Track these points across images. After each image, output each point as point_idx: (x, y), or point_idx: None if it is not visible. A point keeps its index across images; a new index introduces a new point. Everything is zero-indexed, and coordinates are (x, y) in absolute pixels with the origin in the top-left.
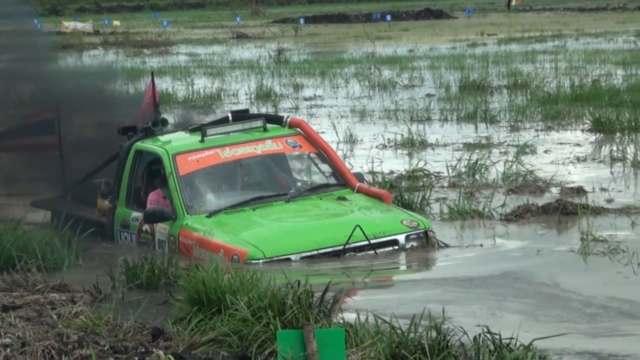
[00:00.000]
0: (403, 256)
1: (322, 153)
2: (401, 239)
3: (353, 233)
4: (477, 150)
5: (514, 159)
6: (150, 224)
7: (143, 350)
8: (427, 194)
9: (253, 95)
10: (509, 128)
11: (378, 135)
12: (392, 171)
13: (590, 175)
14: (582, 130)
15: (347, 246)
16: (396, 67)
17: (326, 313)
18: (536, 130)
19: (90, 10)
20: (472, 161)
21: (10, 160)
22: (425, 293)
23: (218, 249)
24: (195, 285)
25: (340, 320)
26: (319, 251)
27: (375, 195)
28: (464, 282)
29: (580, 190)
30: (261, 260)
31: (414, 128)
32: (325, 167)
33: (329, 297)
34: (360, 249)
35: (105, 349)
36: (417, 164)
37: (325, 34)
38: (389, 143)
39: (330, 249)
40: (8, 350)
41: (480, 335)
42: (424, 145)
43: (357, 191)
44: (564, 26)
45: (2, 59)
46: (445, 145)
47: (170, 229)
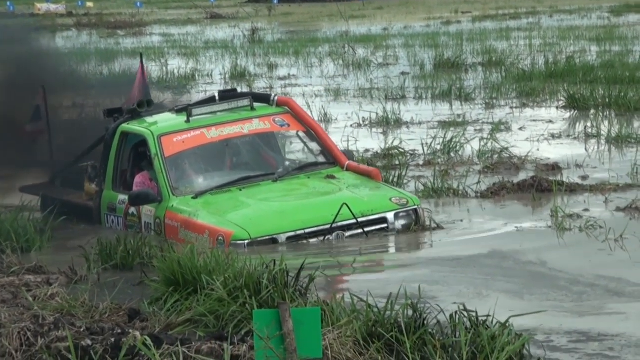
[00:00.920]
0: (389, 236)
1: (311, 131)
2: (390, 216)
3: (340, 211)
4: (452, 128)
5: (489, 137)
6: (136, 206)
7: (119, 331)
8: (404, 172)
9: (227, 75)
10: (484, 105)
11: (353, 114)
12: (368, 150)
13: (565, 152)
14: (557, 107)
15: (335, 225)
16: (370, 46)
17: (302, 292)
18: (511, 108)
19: None
20: (447, 139)
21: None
22: (413, 273)
23: (203, 230)
24: (171, 265)
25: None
26: (306, 230)
27: (364, 173)
28: (451, 262)
29: (555, 167)
30: (246, 241)
31: (389, 106)
32: (313, 146)
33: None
34: (348, 227)
35: (82, 330)
36: (392, 143)
37: (299, 14)
38: (363, 122)
39: (317, 228)
40: None
41: (456, 313)
42: (399, 123)
43: (347, 169)
44: (538, 3)
45: None
46: (420, 123)
47: (156, 212)
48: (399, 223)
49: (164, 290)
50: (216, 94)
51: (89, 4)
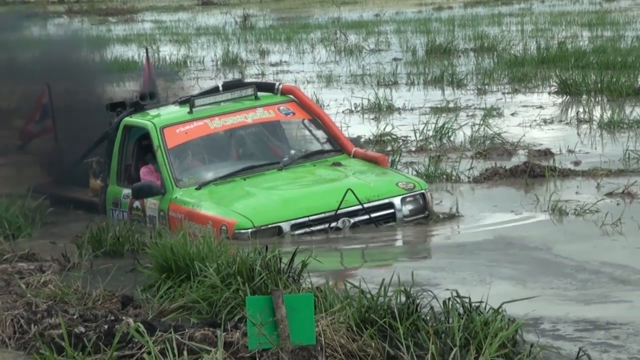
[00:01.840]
0: (392, 224)
1: (316, 119)
2: (396, 201)
3: (345, 197)
4: (444, 114)
5: (481, 122)
6: (139, 199)
7: (112, 318)
8: (396, 159)
9: (219, 62)
10: (476, 91)
11: (345, 100)
12: (360, 136)
13: (557, 138)
14: (549, 93)
15: (340, 211)
16: (362, 32)
17: (295, 278)
18: (503, 93)
19: None
20: (440, 125)
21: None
22: (417, 261)
23: (206, 220)
24: (164, 252)
25: (310, 286)
26: (310, 218)
27: (371, 159)
28: (455, 249)
29: (547, 153)
30: (250, 230)
31: (381, 93)
32: (319, 133)
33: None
34: (354, 213)
35: (75, 317)
36: (385, 129)
37: (291, 0)
38: (355, 108)
39: (322, 215)
40: None
41: (449, 299)
42: (391, 109)
43: (353, 156)
44: None
45: None
46: (412, 109)
47: (160, 204)
48: (406, 208)
49: (156, 277)
50: (220, 85)
51: None
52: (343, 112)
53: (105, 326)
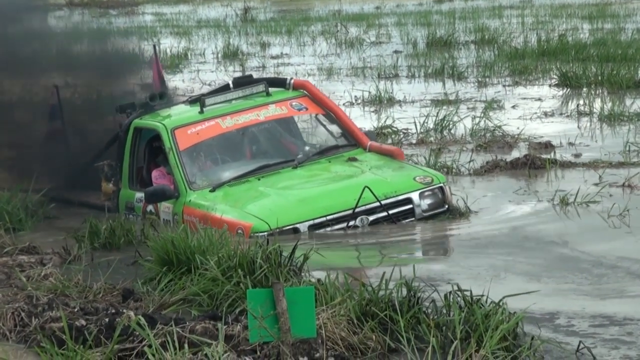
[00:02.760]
0: (411, 220)
1: (330, 113)
2: (414, 197)
3: (362, 195)
4: (445, 107)
5: (482, 115)
6: (152, 204)
7: (113, 311)
8: None
9: (220, 54)
10: (477, 84)
11: (345, 92)
12: (361, 128)
13: (558, 130)
14: (549, 85)
15: (358, 209)
16: (363, 24)
17: (296, 272)
18: (503, 86)
19: None
20: (440, 117)
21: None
22: (430, 256)
23: (222, 224)
24: (165, 245)
25: (312, 279)
26: (327, 218)
27: (387, 153)
28: (469, 243)
29: (548, 145)
30: (266, 232)
31: (382, 85)
32: (334, 128)
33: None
34: (372, 211)
35: (76, 310)
36: (385, 121)
37: None
38: (356, 100)
39: (340, 214)
40: None
41: (450, 293)
42: (391, 102)
43: (369, 150)
44: None
45: None
46: (413, 102)
47: (174, 208)
48: (425, 203)
49: (157, 270)
50: (230, 82)
51: None
52: (344, 105)
53: (106, 319)
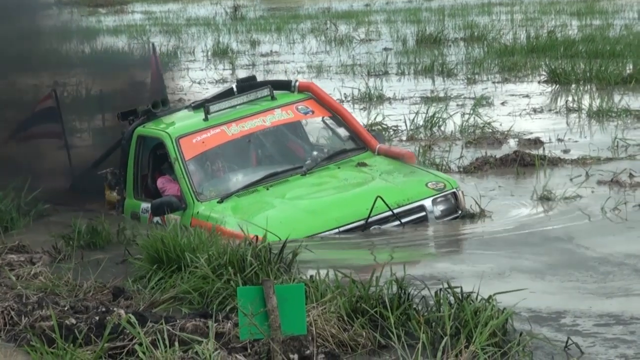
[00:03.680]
0: (411, 220)
1: (337, 116)
2: (427, 204)
3: (374, 205)
4: (435, 104)
5: (472, 112)
6: (159, 216)
7: (104, 309)
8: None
9: (210, 53)
10: (466, 81)
11: (335, 90)
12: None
13: (547, 127)
14: (539, 82)
15: (370, 219)
16: (352, 22)
17: (286, 269)
18: (493, 83)
19: None
20: (430, 114)
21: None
22: (436, 255)
23: (231, 237)
24: (155, 243)
25: (302, 276)
26: (340, 229)
27: (397, 156)
28: (474, 241)
29: (537, 142)
30: None
31: (371, 82)
32: (341, 131)
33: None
34: (385, 220)
35: (66, 309)
36: (375, 118)
37: None
38: (346, 98)
39: (352, 225)
40: None
41: (440, 289)
42: (381, 99)
43: (378, 153)
44: None
45: None
46: (402, 99)
47: (182, 220)
48: (438, 209)
49: (147, 268)
50: (234, 86)
51: None
52: None
53: (96, 317)
